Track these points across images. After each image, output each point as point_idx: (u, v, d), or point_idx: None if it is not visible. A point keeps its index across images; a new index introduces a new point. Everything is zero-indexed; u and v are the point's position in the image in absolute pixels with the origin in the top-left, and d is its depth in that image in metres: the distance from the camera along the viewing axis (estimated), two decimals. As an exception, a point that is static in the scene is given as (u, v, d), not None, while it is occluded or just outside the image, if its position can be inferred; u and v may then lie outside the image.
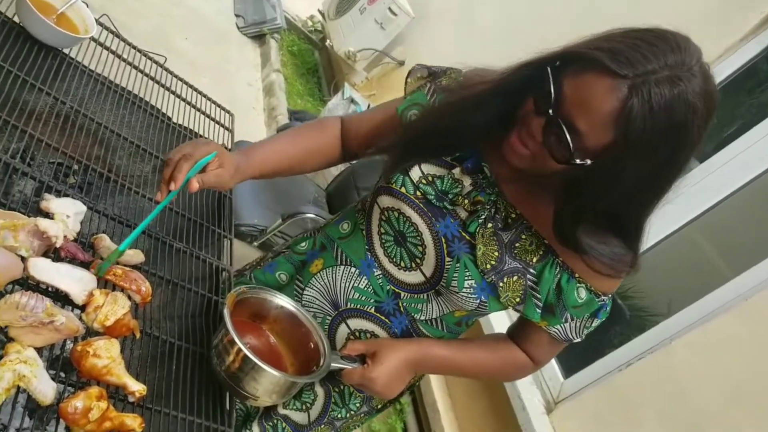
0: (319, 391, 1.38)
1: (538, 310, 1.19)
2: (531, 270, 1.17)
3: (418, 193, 1.19)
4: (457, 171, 1.19)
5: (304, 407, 1.38)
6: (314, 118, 4.36)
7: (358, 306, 1.29)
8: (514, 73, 1.09)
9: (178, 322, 1.27)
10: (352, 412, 1.40)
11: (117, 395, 1.04)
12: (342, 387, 1.36)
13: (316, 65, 5.89)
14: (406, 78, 1.36)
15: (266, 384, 1.14)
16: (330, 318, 1.32)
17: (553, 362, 2.77)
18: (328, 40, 5.36)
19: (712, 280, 2.32)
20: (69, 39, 1.49)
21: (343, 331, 1.31)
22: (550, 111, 0.97)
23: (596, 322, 1.23)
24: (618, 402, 2.43)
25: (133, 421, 0.99)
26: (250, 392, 1.14)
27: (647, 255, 2.47)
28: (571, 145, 0.96)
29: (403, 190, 1.20)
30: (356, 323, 1.30)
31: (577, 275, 1.16)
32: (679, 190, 1.06)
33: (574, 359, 2.72)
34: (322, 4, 5.71)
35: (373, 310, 1.28)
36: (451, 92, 1.25)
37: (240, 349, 1.09)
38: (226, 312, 1.12)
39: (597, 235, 1.09)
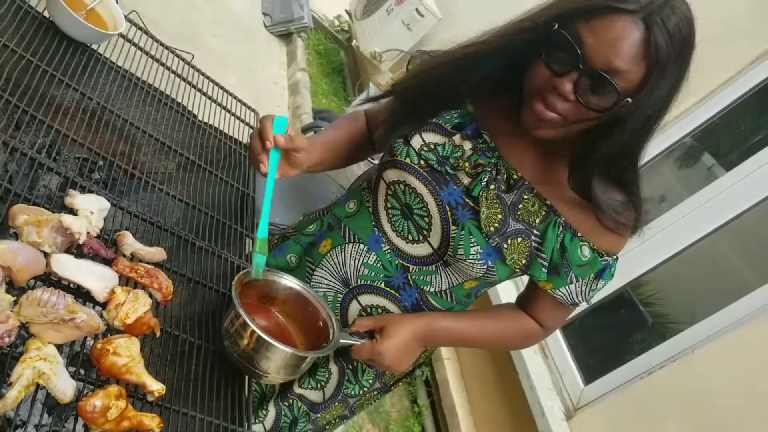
0: (333, 368, 1.39)
1: (544, 270, 1.20)
2: (535, 231, 1.19)
3: (422, 162, 1.22)
4: (457, 138, 1.22)
5: (318, 385, 1.40)
6: (338, 117, 4.36)
7: (368, 282, 1.31)
8: (512, 36, 1.10)
9: (198, 320, 1.26)
10: (365, 389, 1.42)
11: (136, 394, 1.04)
12: (355, 364, 1.39)
13: (342, 65, 5.90)
14: (407, 65, 1.37)
15: (277, 360, 1.16)
16: (341, 296, 1.34)
17: (574, 368, 2.75)
18: (354, 40, 5.36)
19: (737, 289, 2.30)
20: (98, 35, 1.50)
21: (354, 307, 1.33)
22: (580, 65, 1.00)
23: (601, 284, 1.24)
24: (639, 410, 2.40)
25: (151, 420, 0.99)
26: (262, 369, 1.16)
27: (672, 262, 2.48)
28: (617, 87, 0.99)
29: (407, 160, 1.22)
30: (367, 299, 1.32)
31: (579, 234, 1.18)
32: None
33: (595, 365, 2.70)
34: (349, 4, 5.72)
35: (383, 285, 1.30)
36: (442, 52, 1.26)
37: (250, 329, 1.11)
38: (234, 292, 1.14)
39: (602, 189, 1.12)
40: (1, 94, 1.19)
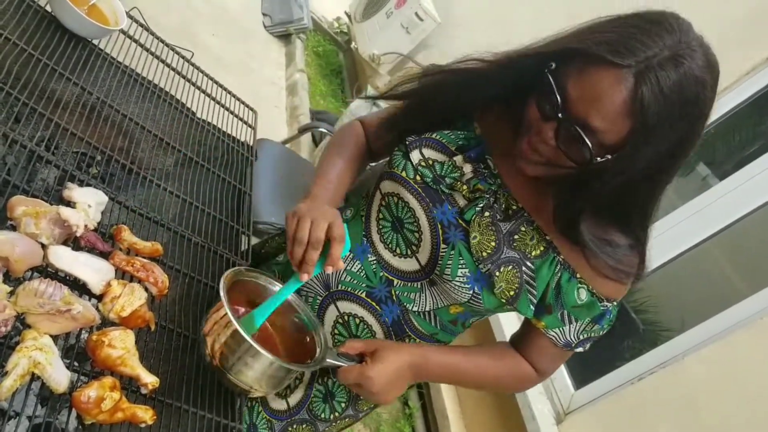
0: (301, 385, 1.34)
1: (532, 307, 1.16)
2: (528, 263, 1.14)
3: (417, 178, 1.19)
4: (459, 158, 1.18)
5: (283, 393, 1.35)
6: (336, 118, 4.37)
7: (349, 289, 1.27)
8: (516, 62, 1.08)
9: (193, 315, 1.27)
10: (337, 413, 1.36)
11: (130, 386, 1.05)
12: (330, 384, 1.33)
13: (340, 67, 5.91)
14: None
15: (258, 368, 1.08)
16: (320, 298, 1.30)
17: (564, 373, 2.76)
18: (353, 42, 5.37)
19: (728, 296, 2.31)
20: (99, 30, 1.50)
21: (332, 312, 1.29)
22: (560, 114, 0.97)
23: (597, 329, 1.20)
24: (629, 415, 2.41)
25: (144, 413, 0.99)
26: (241, 379, 1.09)
27: (664, 269, 2.49)
28: (590, 144, 0.95)
29: (403, 174, 1.20)
30: (346, 306, 1.28)
31: (578, 276, 1.14)
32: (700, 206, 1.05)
33: (586, 371, 2.71)
34: (349, 6, 5.73)
35: (364, 295, 1.26)
36: (446, 68, 1.24)
37: (234, 327, 1.04)
38: (222, 287, 1.08)
39: (600, 232, 1.08)
40: (2, 86, 1.20)
